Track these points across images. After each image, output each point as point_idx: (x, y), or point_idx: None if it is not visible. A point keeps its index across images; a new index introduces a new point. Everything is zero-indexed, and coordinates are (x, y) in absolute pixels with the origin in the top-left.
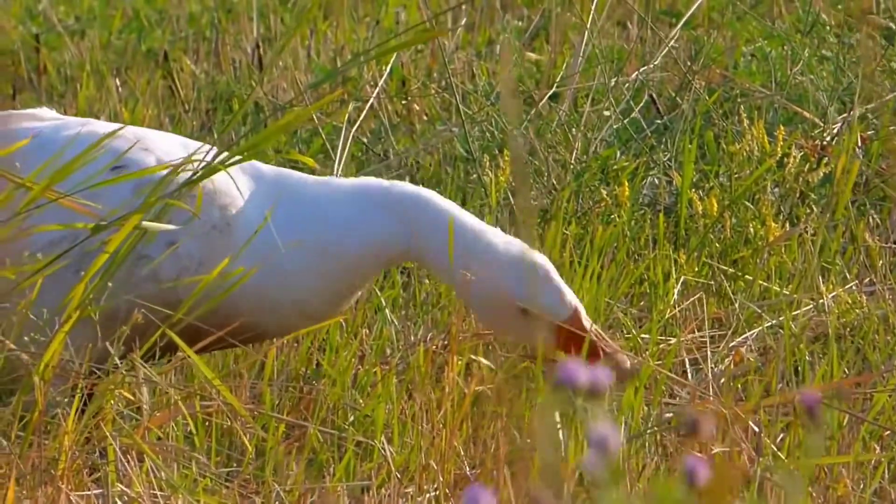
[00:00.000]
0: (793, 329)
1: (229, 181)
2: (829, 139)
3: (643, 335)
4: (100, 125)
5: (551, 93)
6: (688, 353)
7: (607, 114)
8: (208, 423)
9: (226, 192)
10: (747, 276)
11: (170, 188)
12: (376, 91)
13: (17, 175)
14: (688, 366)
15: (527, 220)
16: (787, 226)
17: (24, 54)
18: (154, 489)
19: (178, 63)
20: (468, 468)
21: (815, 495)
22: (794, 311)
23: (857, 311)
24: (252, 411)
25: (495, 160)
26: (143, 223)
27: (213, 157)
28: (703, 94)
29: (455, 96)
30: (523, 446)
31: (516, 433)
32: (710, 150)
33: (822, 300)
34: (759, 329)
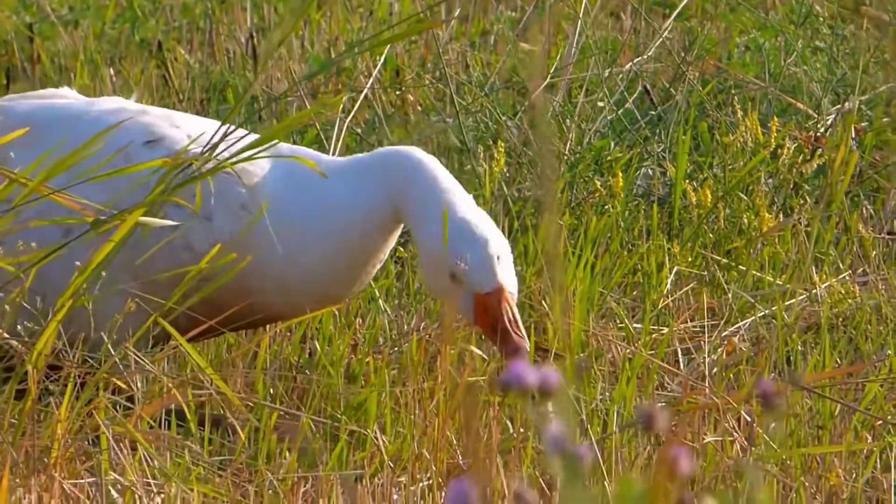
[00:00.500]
0: (785, 319)
1: (255, 161)
2: (822, 130)
3: (636, 325)
4: (128, 103)
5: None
6: (680, 343)
7: (601, 105)
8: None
9: (252, 172)
10: (741, 267)
11: (202, 168)
12: (370, 81)
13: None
14: (680, 355)
15: (546, 174)
16: (781, 216)
17: (17, 44)
18: (147, 477)
19: (172, 53)
20: (461, 457)
21: (807, 485)
22: (787, 301)
23: (849, 301)
24: (245, 400)
25: (489, 151)
26: (178, 201)
27: (241, 139)
28: (696, 85)
29: (449, 87)
30: (516, 435)
31: (508, 422)
32: (703, 141)
33: (815, 290)
34: (751, 319)
